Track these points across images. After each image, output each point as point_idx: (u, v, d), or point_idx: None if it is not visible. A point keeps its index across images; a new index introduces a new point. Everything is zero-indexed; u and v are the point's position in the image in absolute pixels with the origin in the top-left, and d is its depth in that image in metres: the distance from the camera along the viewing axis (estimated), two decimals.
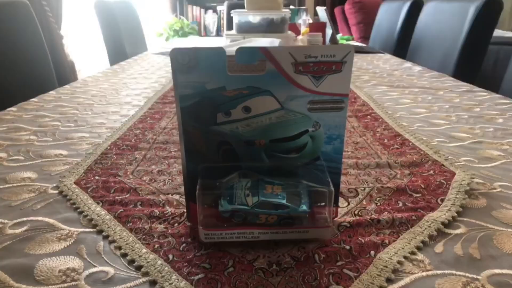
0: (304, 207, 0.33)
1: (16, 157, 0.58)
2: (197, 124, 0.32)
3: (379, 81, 1.16)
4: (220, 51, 0.29)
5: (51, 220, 0.41)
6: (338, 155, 0.36)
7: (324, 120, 0.33)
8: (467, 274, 0.33)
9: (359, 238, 0.38)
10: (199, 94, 0.32)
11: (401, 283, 0.32)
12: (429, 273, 0.33)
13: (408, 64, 1.47)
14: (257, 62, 0.27)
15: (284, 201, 0.33)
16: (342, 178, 0.51)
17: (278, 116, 0.30)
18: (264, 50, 0.27)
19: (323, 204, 0.35)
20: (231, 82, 0.31)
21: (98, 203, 0.44)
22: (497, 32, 1.40)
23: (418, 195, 0.46)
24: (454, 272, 0.33)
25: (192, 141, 0.33)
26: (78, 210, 0.43)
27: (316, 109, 0.31)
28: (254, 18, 1.63)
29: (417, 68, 1.36)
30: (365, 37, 3.19)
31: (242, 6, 1.78)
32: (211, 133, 0.32)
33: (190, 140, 0.34)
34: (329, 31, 1.82)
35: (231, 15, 1.64)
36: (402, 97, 0.96)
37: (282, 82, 0.29)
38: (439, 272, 0.33)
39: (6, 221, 0.41)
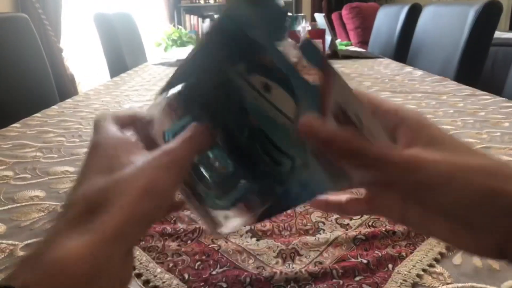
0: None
1: (23, 175, 0.58)
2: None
3: (381, 86, 1.16)
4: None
5: None
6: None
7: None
8: (487, 286, 0.33)
9: (376, 251, 0.37)
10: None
11: None
12: (450, 286, 0.33)
13: (408, 68, 1.47)
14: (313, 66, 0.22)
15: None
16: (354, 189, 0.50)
17: (285, 124, 0.23)
18: (326, 61, 0.22)
19: None
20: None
21: None
22: (495, 33, 1.40)
23: None
24: (474, 284, 0.33)
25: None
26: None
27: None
28: None
29: (418, 73, 1.36)
30: (363, 42, 3.20)
31: None
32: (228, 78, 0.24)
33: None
34: (328, 38, 1.83)
35: None
36: (406, 102, 0.96)
37: (313, 106, 0.22)
38: (460, 285, 0.33)
39: (17, 242, 0.41)
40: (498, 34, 2.54)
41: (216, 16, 4.17)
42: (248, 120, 0.24)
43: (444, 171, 0.20)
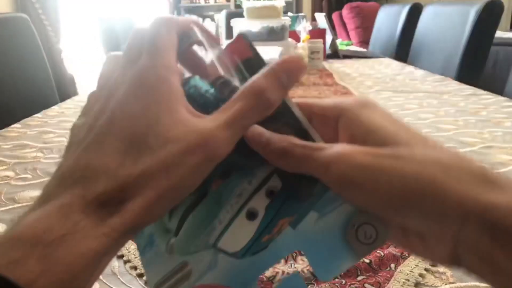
0: None
1: (23, 176, 0.58)
2: None
3: (383, 86, 1.16)
4: None
5: None
6: None
7: None
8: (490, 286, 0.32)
9: (378, 251, 0.37)
10: None
11: None
12: (453, 285, 0.33)
13: (410, 68, 1.47)
14: None
15: None
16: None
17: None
18: None
19: None
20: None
21: None
22: (496, 33, 1.40)
23: None
24: (477, 284, 0.33)
25: None
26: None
27: None
28: (254, 26, 1.63)
29: (419, 72, 1.36)
30: (364, 42, 3.20)
31: (240, 15, 1.79)
32: None
33: None
34: (329, 37, 1.83)
35: (231, 24, 1.65)
36: (407, 102, 0.96)
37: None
38: (462, 284, 0.33)
39: None
40: (499, 34, 2.54)
41: (216, 16, 4.18)
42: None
43: (366, 165, 0.18)
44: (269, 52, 1.37)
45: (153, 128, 0.18)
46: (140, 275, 0.35)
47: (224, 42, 1.71)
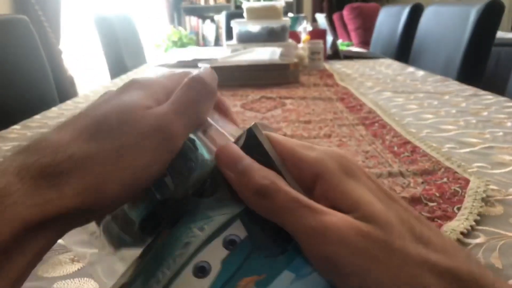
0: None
1: None
2: None
3: (383, 87, 1.16)
4: None
5: (62, 241, 0.40)
6: None
7: None
8: None
9: None
10: None
11: None
12: None
13: (410, 69, 1.47)
14: None
15: None
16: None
17: None
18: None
19: None
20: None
21: None
22: (498, 34, 1.39)
23: (433, 204, 0.45)
24: None
25: None
26: (91, 230, 0.42)
27: None
28: (254, 27, 1.63)
29: (420, 73, 1.36)
30: (364, 42, 3.20)
31: (241, 16, 1.79)
32: None
33: None
34: (329, 38, 1.82)
35: (231, 25, 1.65)
36: (408, 102, 0.96)
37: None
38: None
39: None
40: (501, 34, 2.54)
41: (216, 17, 4.18)
42: None
43: (359, 250, 0.16)
44: (269, 53, 1.37)
45: (117, 114, 0.19)
46: None
47: (226, 43, 1.71)
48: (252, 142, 0.18)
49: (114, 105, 0.19)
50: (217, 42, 4.20)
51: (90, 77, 3.11)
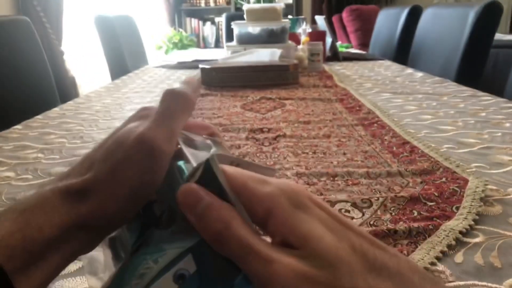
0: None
1: (24, 176, 0.58)
2: None
3: (382, 88, 1.16)
4: None
5: None
6: None
7: None
8: (489, 284, 0.33)
9: None
10: None
11: None
12: (451, 284, 0.33)
13: (409, 70, 1.47)
14: None
15: None
16: (355, 188, 0.50)
17: None
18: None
19: None
20: None
21: None
22: (496, 35, 1.40)
23: (432, 203, 0.46)
24: (476, 282, 0.33)
25: None
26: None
27: None
28: (254, 29, 1.64)
29: (419, 74, 1.36)
30: (363, 44, 3.21)
31: (241, 17, 1.79)
32: None
33: None
34: (328, 40, 1.83)
35: (232, 26, 1.65)
36: (406, 103, 0.96)
37: None
38: (461, 283, 0.33)
39: None
40: (499, 36, 2.55)
41: (216, 19, 4.19)
42: None
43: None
44: (269, 54, 1.38)
45: (116, 139, 0.23)
46: None
47: (226, 45, 1.71)
48: (208, 176, 0.19)
49: (118, 133, 0.23)
50: (218, 44, 4.21)
51: (91, 78, 3.11)
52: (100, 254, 0.25)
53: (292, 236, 0.18)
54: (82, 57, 3.12)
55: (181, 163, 0.23)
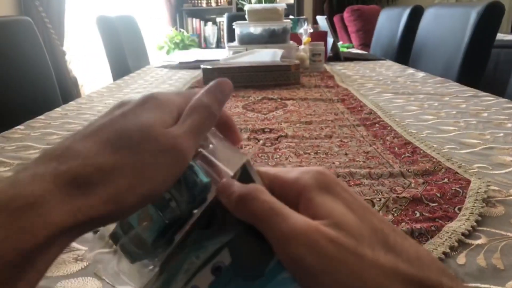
0: None
1: None
2: None
3: (384, 88, 1.16)
4: None
5: None
6: None
7: None
8: (492, 287, 0.32)
9: None
10: None
11: None
12: None
13: (410, 70, 1.47)
14: None
15: None
16: (357, 189, 0.50)
17: None
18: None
19: None
20: None
21: None
22: (497, 35, 1.40)
23: (434, 204, 0.46)
24: (479, 285, 0.33)
25: None
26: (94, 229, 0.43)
27: None
28: (256, 29, 1.64)
29: (420, 74, 1.36)
30: (365, 44, 3.20)
31: (242, 18, 1.79)
32: None
33: None
34: (330, 40, 1.83)
35: (233, 27, 1.66)
36: (408, 104, 0.96)
37: None
38: (464, 285, 0.33)
39: None
40: (500, 36, 2.55)
41: (218, 19, 4.19)
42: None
43: (327, 255, 0.17)
44: (271, 55, 1.38)
45: (138, 128, 0.20)
46: None
47: (228, 45, 1.71)
48: (245, 177, 0.22)
49: (135, 121, 0.21)
50: (219, 44, 4.21)
51: (93, 78, 3.12)
52: (107, 256, 0.26)
53: (318, 212, 0.19)
54: (84, 57, 3.12)
55: (192, 163, 0.24)
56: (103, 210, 0.18)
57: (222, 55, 1.72)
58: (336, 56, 1.84)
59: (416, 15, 1.91)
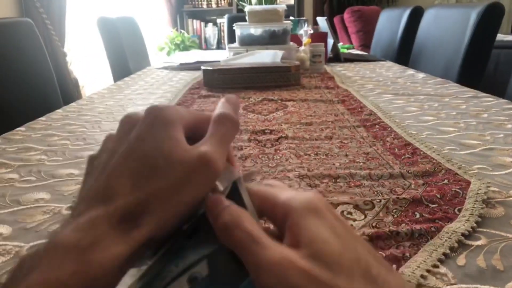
0: None
1: (28, 178, 0.58)
2: None
3: (384, 89, 1.17)
4: None
5: None
6: None
7: None
8: None
9: (380, 252, 0.37)
10: None
11: None
12: (454, 287, 0.33)
13: (411, 71, 1.47)
14: None
15: None
16: (357, 190, 0.50)
17: None
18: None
19: None
20: None
21: None
22: (497, 36, 1.40)
23: (434, 205, 0.46)
24: (478, 286, 0.33)
25: None
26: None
27: None
28: (256, 30, 1.64)
29: (420, 75, 1.36)
30: (365, 45, 3.21)
31: (243, 19, 1.80)
32: None
33: None
34: (330, 41, 1.83)
35: (234, 28, 1.66)
36: (408, 105, 0.96)
37: None
38: (464, 286, 0.33)
39: (22, 244, 0.41)
40: (500, 37, 2.55)
41: (218, 20, 4.19)
42: None
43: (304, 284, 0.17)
44: (271, 56, 1.38)
45: (162, 153, 0.21)
46: None
47: (228, 46, 1.71)
48: (234, 194, 0.22)
49: (155, 145, 0.21)
50: (219, 45, 4.22)
51: (94, 79, 3.12)
52: None
53: (301, 237, 0.19)
54: (84, 58, 3.13)
55: None
56: (151, 234, 0.20)
57: (223, 56, 1.72)
58: (336, 57, 1.85)
59: (416, 16, 1.91)
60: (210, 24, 4.28)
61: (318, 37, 1.73)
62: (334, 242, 0.19)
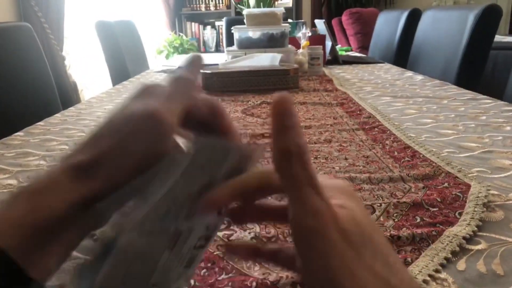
0: None
1: (26, 184, 0.58)
2: None
3: (382, 91, 1.17)
4: None
5: None
6: None
7: None
8: None
9: None
10: None
11: None
12: None
13: (409, 73, 1.47)
14: None
15: None
16: (357, 194, 0.50)
17: None
18: None
19: None
20: None
21: None
22: (495, 37, 1.40)
23: (435, 209, 0.46)
24: None
25: None
26: (94, 237, 0.43)
27: None
28: (254, 33, 1.64)
29: (419, 77, 1.36)
30: (363, 47, 3.21)
31: (241, 22, 1.80)
32: None
33: None
34: (328, 43, 1.84)
35: (232, 31, 1.66)
36: (407, 107, 0.96)
37: None
38: None
39: None
40: (498, 38, 2.55)
41: (217, 23, 4.20)
42: None
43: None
44: (270, 59, 1.38)
45: (124, 116, 0.23)
46: None
47: (226, 49, 1.72)
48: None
49: (125, 110, 0.24)
50: (218, 48, 4.22)
51: (92, 83, 3.12)
52: None
53: (345, 206, 0.22)
54: (83, 62, 3.12)
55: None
56: (104, 190, 0.22)
57: (221, 59, 1.72)
58: (335, 60, 1.85)
59: (414, 18, 1.92)
60: (208, 27, 4.28)
61: (316, 39, 1.73)
62: (369, 223, 0.22)
